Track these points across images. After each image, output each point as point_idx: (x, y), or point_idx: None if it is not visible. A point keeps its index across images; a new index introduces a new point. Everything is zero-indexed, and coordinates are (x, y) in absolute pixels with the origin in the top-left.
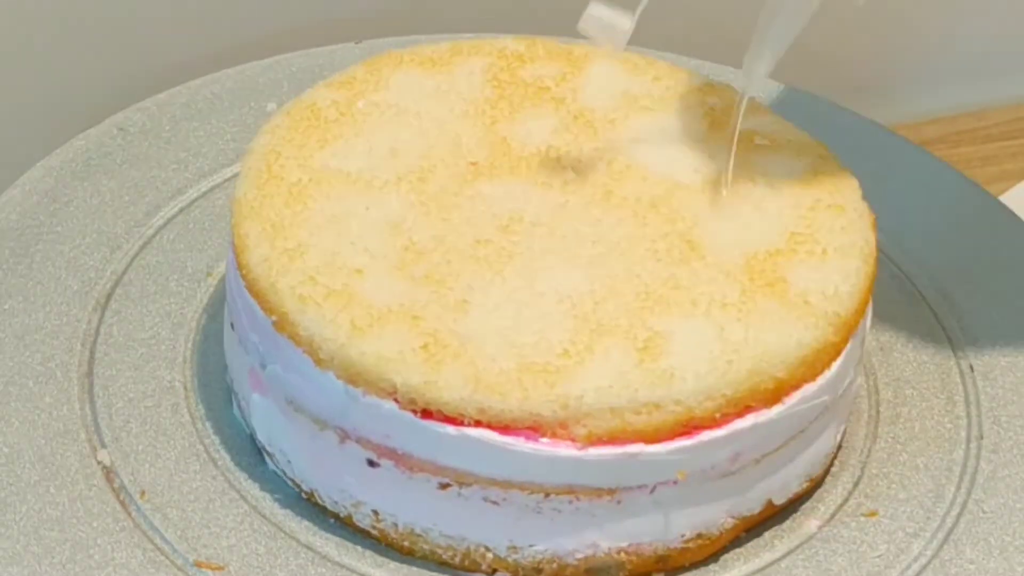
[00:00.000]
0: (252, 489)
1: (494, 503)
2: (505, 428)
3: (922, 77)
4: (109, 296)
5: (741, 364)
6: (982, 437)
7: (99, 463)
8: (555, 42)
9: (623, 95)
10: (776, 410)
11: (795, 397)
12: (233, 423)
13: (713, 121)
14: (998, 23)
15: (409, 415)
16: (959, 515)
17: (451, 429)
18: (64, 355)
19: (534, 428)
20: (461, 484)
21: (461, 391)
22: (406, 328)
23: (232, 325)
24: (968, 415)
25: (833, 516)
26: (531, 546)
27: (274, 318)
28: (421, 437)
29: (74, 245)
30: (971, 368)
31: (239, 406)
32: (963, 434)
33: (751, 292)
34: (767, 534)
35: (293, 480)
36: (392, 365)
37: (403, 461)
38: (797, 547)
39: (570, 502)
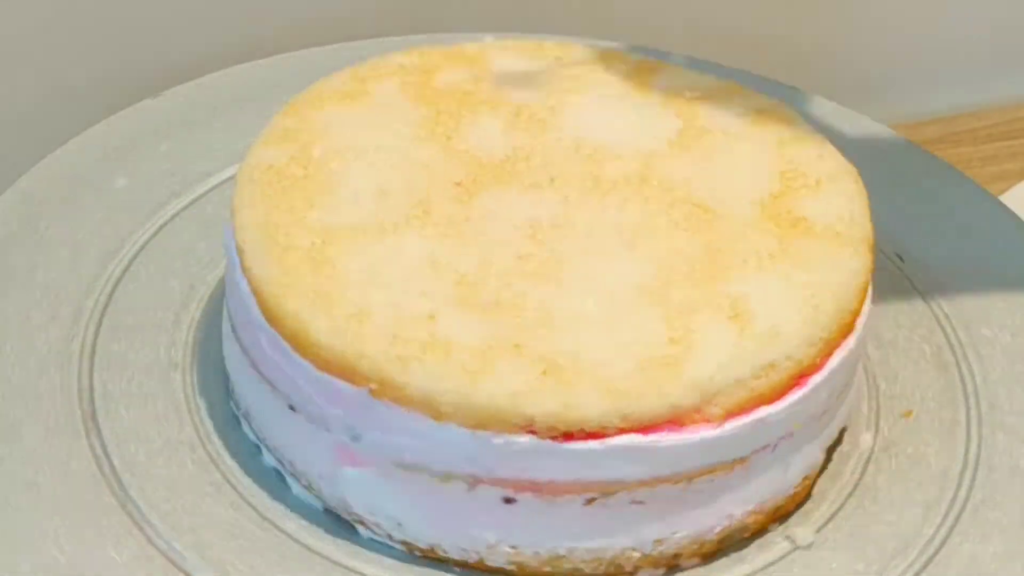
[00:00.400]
0: (345, 558)
1: (640, 503)
2: (647, 428)
3: (922, 77)
4: (93, 346)
5: (825, 306)
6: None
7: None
8: (441, 47)
9: (539, 81)
10: (852, 340)
11: (859, 326)
12: (295, 501)
13: (638, 83)
14: (997, 23)
15: (548, 443)
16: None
17: (595, 444)
18: (64, 407)
19: (673, 420)
20: (607, 495)
21: (600, 404)
22: (515, 359)
23: (292, 407)
24: (956, 362)
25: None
26: (674, 534)
27: (372, 386)
28: (564, 461)
29: (45, 293)
30: (946, 316)
31: (308, 486)
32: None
33: (784, 237)
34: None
35: (404, 541)
36: (524, 399)
37: (545, 489)
38: (866, 463)
39: (710, 480)
